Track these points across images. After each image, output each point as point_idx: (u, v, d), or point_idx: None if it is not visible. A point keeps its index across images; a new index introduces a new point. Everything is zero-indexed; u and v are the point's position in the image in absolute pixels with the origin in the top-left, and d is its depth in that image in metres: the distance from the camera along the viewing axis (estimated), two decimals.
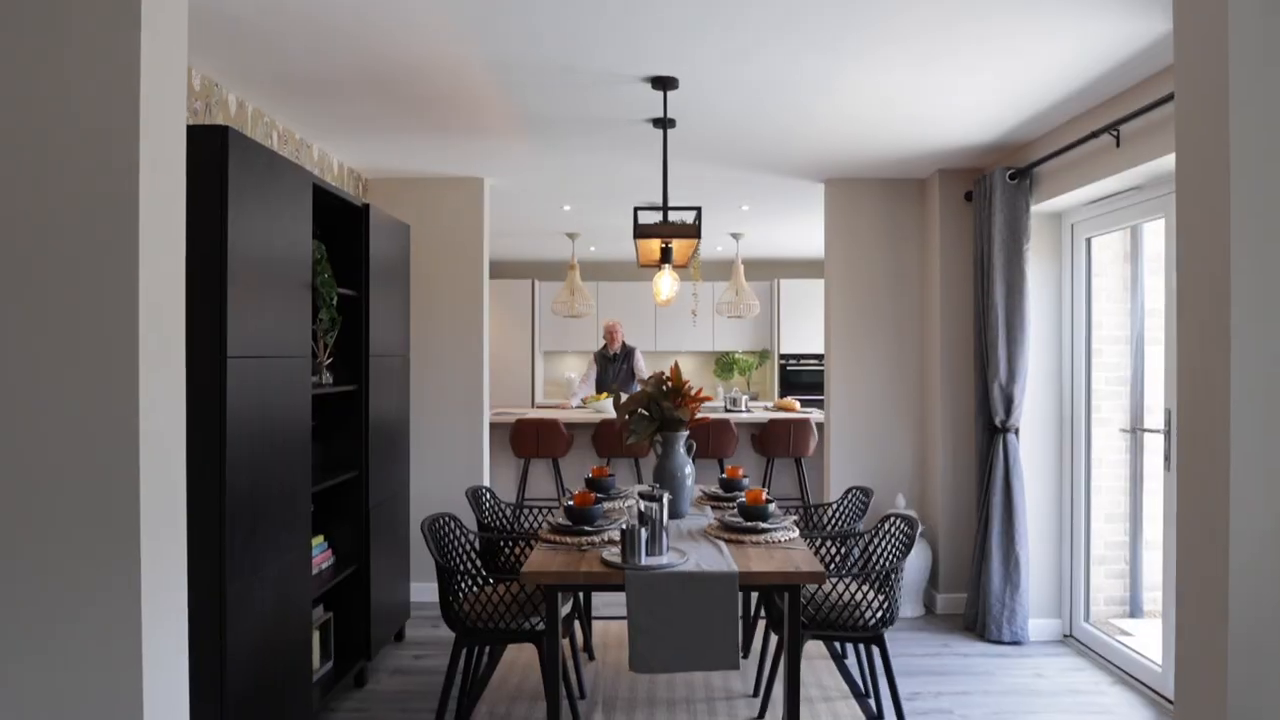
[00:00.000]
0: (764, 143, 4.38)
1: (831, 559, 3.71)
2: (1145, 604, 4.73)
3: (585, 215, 6.61)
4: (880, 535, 3.44)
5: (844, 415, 5.22)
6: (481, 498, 4.00)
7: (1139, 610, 4.71)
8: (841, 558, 3.68)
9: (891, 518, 3.41)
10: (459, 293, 5.19)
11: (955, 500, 4.91)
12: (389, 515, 4.16)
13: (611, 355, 7.92)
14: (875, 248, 5.22)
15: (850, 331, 5.22)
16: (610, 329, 7.97)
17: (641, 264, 3.95)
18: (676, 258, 3.46)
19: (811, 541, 3.64)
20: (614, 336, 7.93)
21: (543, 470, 7.22)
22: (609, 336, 7.96)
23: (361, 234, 3.85)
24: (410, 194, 5.19)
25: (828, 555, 3.72)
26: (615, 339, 7.94)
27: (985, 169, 4.83)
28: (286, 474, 3.00)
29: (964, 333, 4.92)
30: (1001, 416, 4.44)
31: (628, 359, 7.99)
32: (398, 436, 4.31)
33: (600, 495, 3.80)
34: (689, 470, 3.48)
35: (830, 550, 3.73)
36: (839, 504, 4.14)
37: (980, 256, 4.58)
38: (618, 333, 7.97)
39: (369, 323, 3.86)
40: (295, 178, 3.07)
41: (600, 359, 7.98)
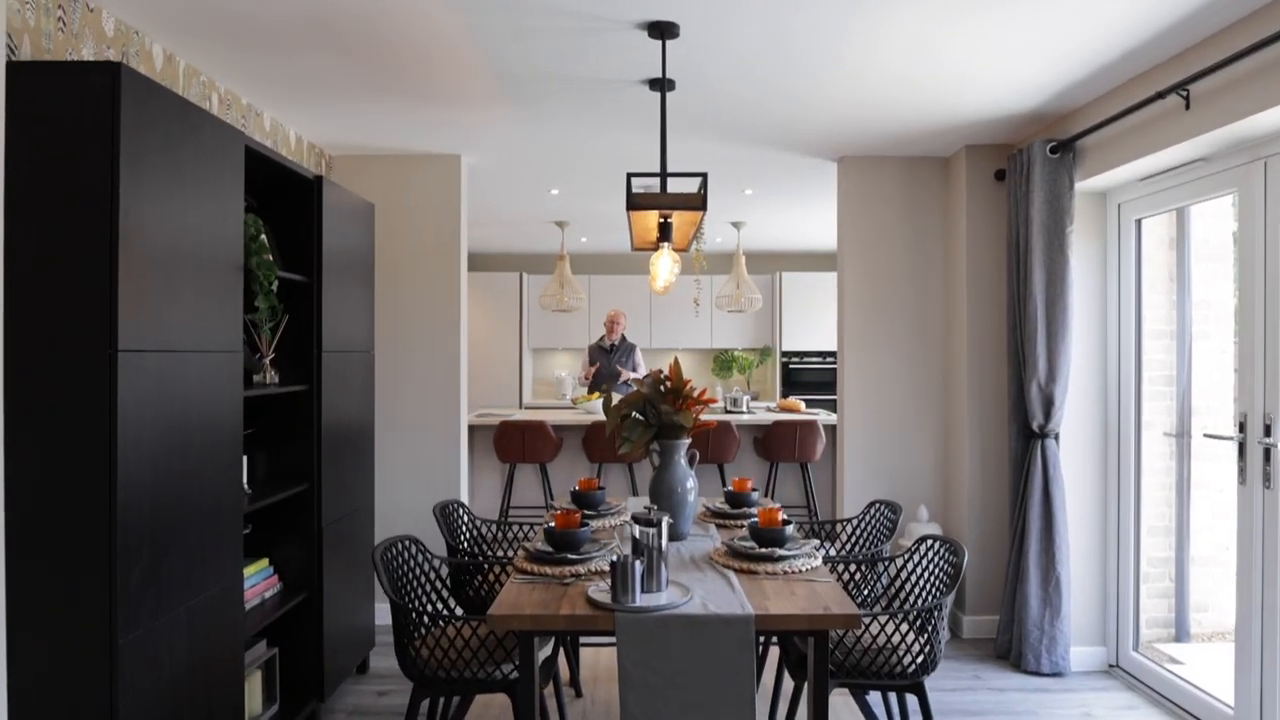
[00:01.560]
0: (772, 114, 3.88)
1: (857, 587, 3.21)
2: (1191, 626, 4.26)
3: (575, 201, 6.10)
4: (916, 562, 2.94)
5: (859, 418, 4.72)
6: (453, 515, 3.49)
7: (1185, 634, 4.23)
8: (868, 587, 3.18)
9: (929, 541, 2.91)
10: (434, 282, 4.68)
11: (984, 513, 4.42)
12: (348, 532, 3.65)
13: (609, 347, 7.40)
14: (894, 233, 4.72)
15: (866, 326, 4.73)
16: (612, 318, 7.43)
17: (636, 246, 3.44)
18: (677, 237, 2.95)
19: (833, 567, 3.15)
20: (614, 326, 7.41)
21: (530, 476, 6.71)
22: (609, 326, 7.42)
23: (313, 211, 3.34)
24: (379, 173, 4.68)
25: (849, 582, 3.22)
26: (615, 329, 7.41)
27: (1019, 144, 4.33)
28: (209, 491, 2.49)
29: (995, 326, 4.42)
30: (1040, 420, 3.95)
31: (628, 355, 7.47)
32: (359, 443, 3.80)
33: (588, 512, 3.30)
34: (691, 484, 2.98)
35: (852, 575, 3.23)
36: (861, 521, 3.64)
37: (1016, 241, 4.09)
38: (619, 323, 7.44)
39: (322, 313, 3.35)
40: (220, 136, 2.56)
41: (597, 351, 7.44)
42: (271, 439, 3.35)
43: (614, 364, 7.42)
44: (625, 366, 7.44)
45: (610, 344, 7.43)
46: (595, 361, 7.42)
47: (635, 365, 7.53)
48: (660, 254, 2.94)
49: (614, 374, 7.39)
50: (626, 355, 7.49)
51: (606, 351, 7.46)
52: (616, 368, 7.42)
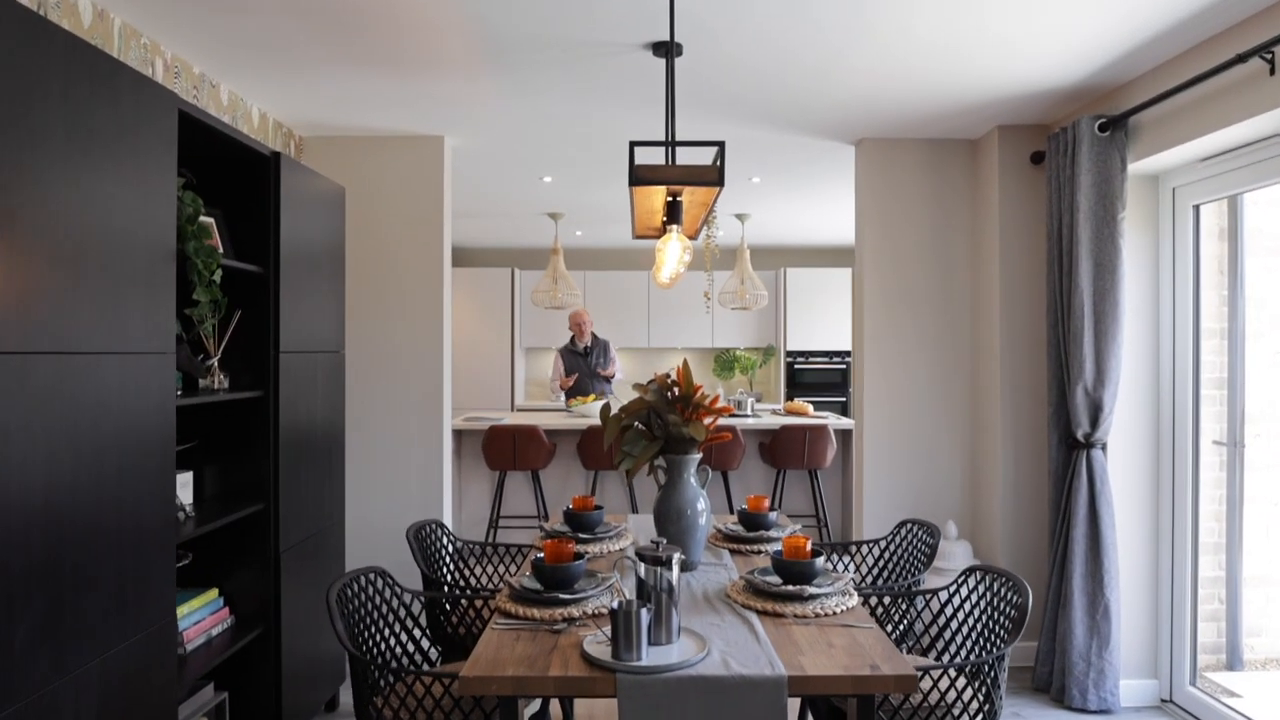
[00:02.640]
0: (788, 87, 3.47)
1: (890, 620, 2.81)
2: (1244, 653, 3.88)
3: (568, 190, 5.68)
4: (964, 597, 2.54)
5: (880, 424, 4.32)
6: (430, 539, 3.08)
7: (1237, 661, 3.85)
8: (902, 622, 2.77)
9: (982, 575, 2.50)
10: (415, 276, 4.26)
11: (1019, 530, 4.02)
12: (313, 555, 3.24)
13: (583, 350, 6.98)
14: (918, 223, 4.32)
15: (887, 324, 4.32)
16: (580, 319, 7.02)
17: (637, 233, 3.04)
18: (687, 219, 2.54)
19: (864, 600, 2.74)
20: (582, 328, 7.00)
21: (521, 484, 6.30)
22: (578, 328, 7.02)
23: (269, 192, 2.92)
24: (356, 157, 4.26)
25: (879, 614, 2.82)
26: (584, 330, 7.00)
27: (1058, 123, 3.93)
28: (131, 516, 2.08)
29: (1032, 324, 4.03)
30: (1085, 428, 3.55)
31: (604, 353, 7.06)
32: (327, 454, 3.38)
33: (583, 535, 2.89)
34: (702, 506, 2.57)
35: (886, 608, 2.82)
36: (890, 543, 3.23)
37: (1058, 230, 3.69)
38: (586, 323, 7.04)
39: (279, 309, 2.93)
40: (145, 96, 2.15)
41: (569, 356, 7.03)
42: (222, 452, 2.94)
43: (593, 365, 7.00)
44: (603, 367, 7.03)
45: (584, 346, 7.01)
46: (571, 368, 7.00)
47: (611, 361, 7.13)
48: (668, 238, 2.52)
49: (594, 375, 6.97)
50: (603, 353, 7.08)
51: (581, 355, 7.04)
52: (597, 369, 7.00)
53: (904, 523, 3.21)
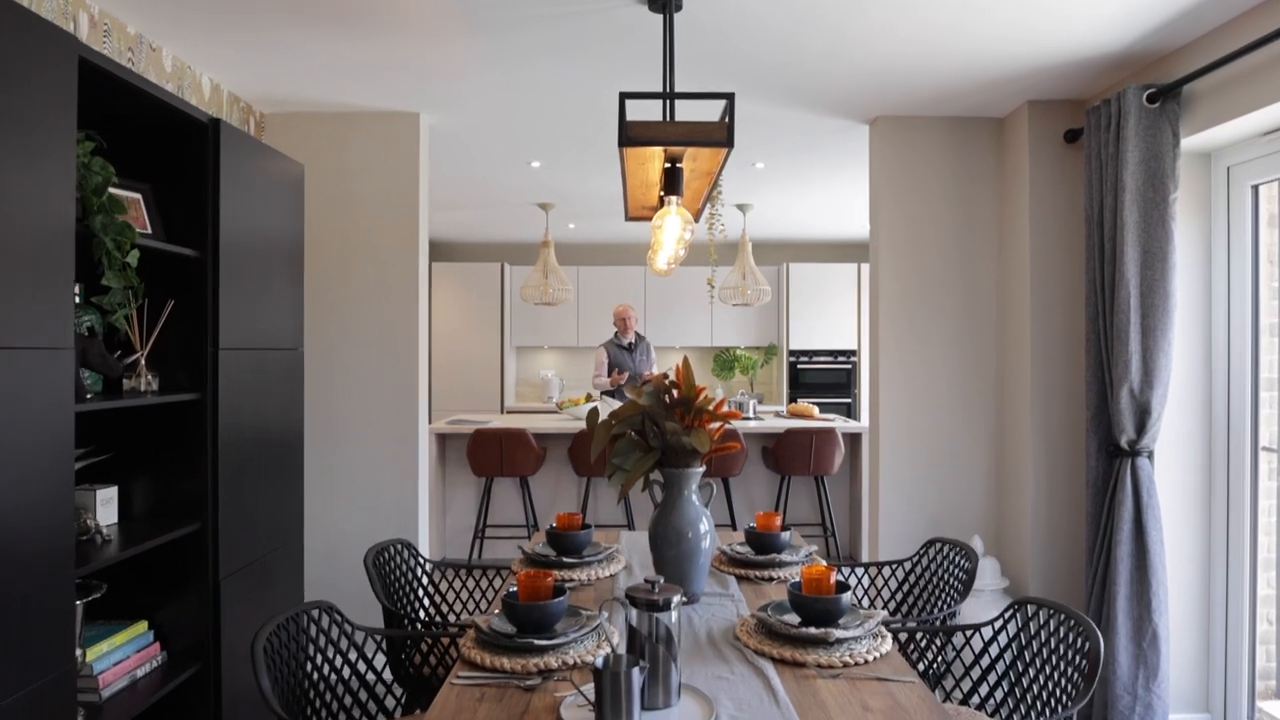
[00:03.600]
0: (800, 54, 3.10)
1: (920, 653, 2.43)
2: None
3: (559, 176, 5.31)
4: (1012, 638, 2.16)
5: (897, 429, 3.95)
6: (391, 563, 2.70)
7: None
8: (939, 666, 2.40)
9: (1034, 612, 2.12)
10: (388, 266, 3.89)
11: (1052, 546, 3.65)
12: (263, 580, 2.86)
13: (627, 345, 6.56)
14: (938, 210, 3.95)
15: (905, 320, 3.95)
16: (623, 313, 6.58)
17: (631, 213, 2.66)
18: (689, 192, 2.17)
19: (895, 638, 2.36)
20: (628, 323, 6.55)
21: (510, 490, 5.93)
22: (622, 323, 6.56)
23: (207, 165, 2.54)
24: (322, 136, 3.88)
25: (911, 653, 2.45)
26: (630, 325, 6.56)
27: (1096, 96, 3.57)
28: (16, 543, 1.71)
29: (1068, 320, 3.66)
30: (1130, 434, 3.18)
31: (646, 353, 6.64)
32: (280, 464, 3.00)
33: (569, 560, 2.51)
34: (705, 528, 2.20)
35: (917, 644, 2.45)
36: (917, 565, 2.86)
37: (1098, 214, 3.32)
38: (632, 317, 6.59)
39: (219, 299, 2.55)
40: (27, 35, 1.77)
41: (615, 350, 6.57)
42: (154, 464, 2.55)
43: (637, 364, 6.58)
44: (646, 366, 6.60)
45: (628, 342, 6.57)
46: (617, 363, 6.54)
47: (652, 364, 6.70)
48: (665, 213, 2.14)
49: (638, 375, 6.53)
50: (645, 354, 6.65)
51: (627, 350, 6.59)
52: (640, 369, 6.57)
53: (932, 542, 2.84)
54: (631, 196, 2.39)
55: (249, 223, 2.74)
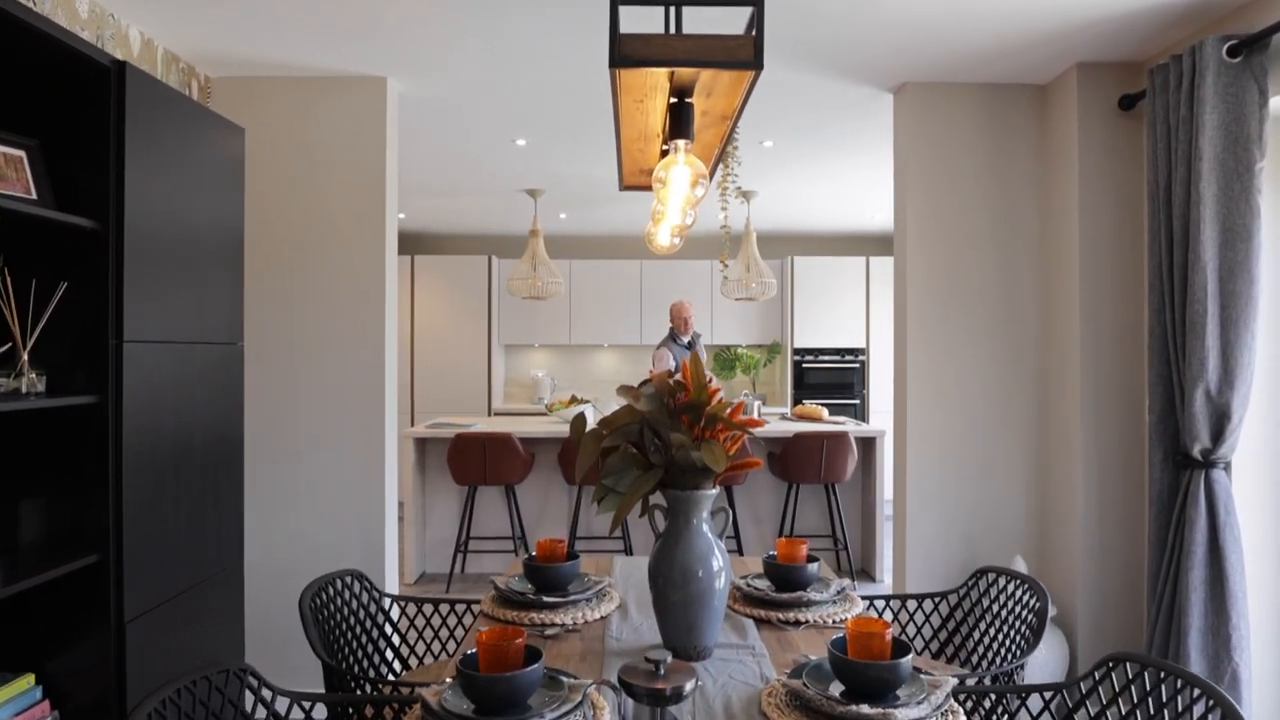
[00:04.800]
0: (818, 14, 2.66)
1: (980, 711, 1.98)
2: None
3: (547, 157, 4.85)
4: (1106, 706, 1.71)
5: (926, 436, 3.50)
6: (333, 603, 2.24)
7: None
8: None
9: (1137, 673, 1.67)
10: (350, 252, 3.43)
11: (1105, 569, 3.21)
12: (186, 620, 2.40)
13: (686, 344, 6.10)
14: (972, 190, 3.51)
15: (935, 315, 3.51)
16: (682, 311, 6.05)
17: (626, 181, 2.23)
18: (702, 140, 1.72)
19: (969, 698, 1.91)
20: (688, 321, 6.03)
21: (495, 499, 5.47)
22: (681, 321, 6.07)
23: (109, 118, 2.09)
24: (275, 103, 3.43)
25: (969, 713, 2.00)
26: (689, 323, 6.05)
27: (1165, 52, 3.12)
28: None
29: (1125, 311, 3.22)
30: (1204, 442, 2.75)
31: (702, 353, 6.16)
32: (211, 479, 2.54)
33: (550, 599, 2.06)
34: (719, 565, 1.76)
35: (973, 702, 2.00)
36: (964, 600, 2.41)
37: (1165, 189, 2.88)
38: (691, 315, 6.08)
39: (123, 281, 2.10)
40: None
41: (676, 348, 6.05)
42: (43, 483, 2.10)
43: None
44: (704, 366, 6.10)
45: (687, 340, 6.11)
46: (677, 360, 6.02)
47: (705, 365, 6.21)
48: (671, 162, 1.67)
49: None
50: (702, 353, 6.18)
51: (687, 349, 6.11)
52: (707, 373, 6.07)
53: (983, 571, 2.39)
54: (626, 155, 1.94)
55: (168, 192, 2.29)
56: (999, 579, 2.32)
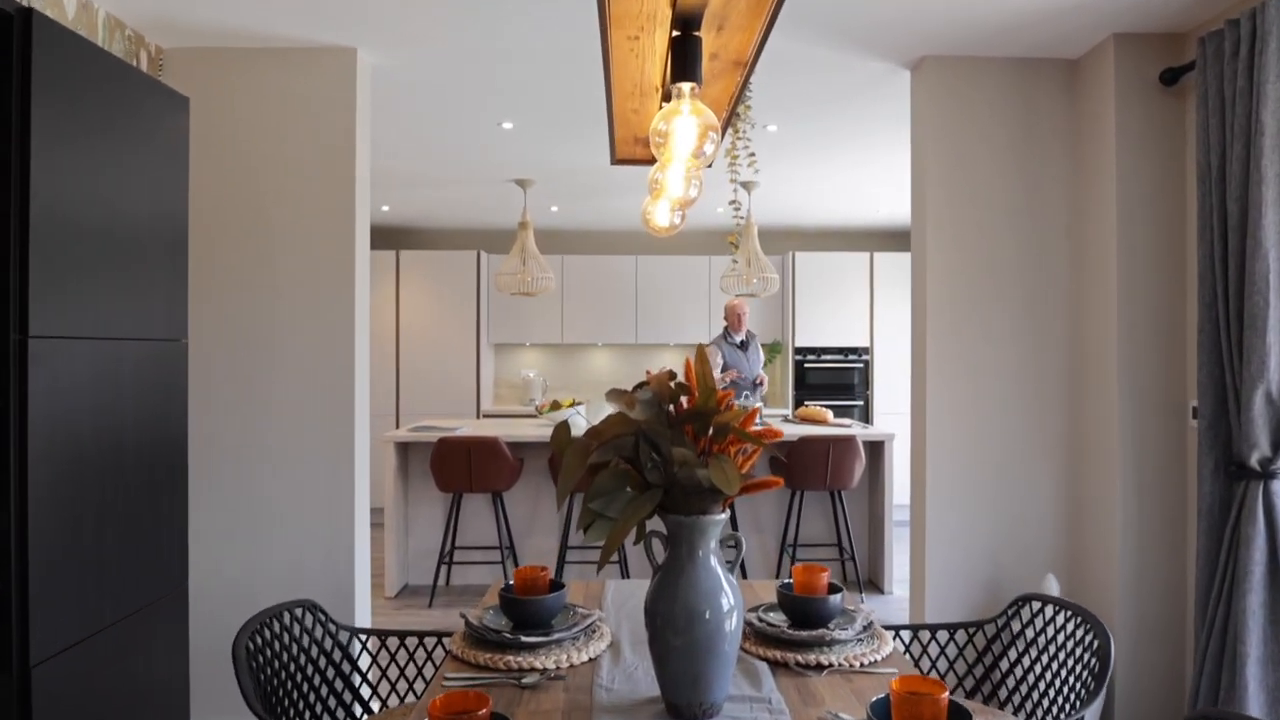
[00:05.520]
0: None
1: None
2: None
3: (536, 142, 4.55)
4: None
5: (946, 443, 3.21)
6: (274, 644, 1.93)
7: None
8: None
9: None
10: (315, 241, 3.12)
11: (1146, 589, 2.92)
12: (113, 658, 2.10)
13: (739, 343, 5.82)
14: (996, 172, 3.22)
15: (956, 313, 3.22)
16: (736, 309, 5.80)
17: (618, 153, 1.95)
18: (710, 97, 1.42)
19: None
20: (741, 319, 5.79)
21: (482, 507, 5.17)
22: (735, 319, 5.79)
23: (10, 73, 1.78)
24: (232, 77, 3.12)
25: None
26: (743, 322, 5.80)
27: (1204, 25, 2.84)
28: None
29: (1168, 304, 2.94)
30: (1263, 450, 2.47)
31: (757, 354, 5.90)
32: (148, 491, 2.24)
33: (529, 638, 1.76)
34: (729, 604, 1.47)
35: None
36: (1002, 633, 2.12)
37: (1218, 171, 2.59)
38: (745, 312, 5.83)
39: (28, 267, 1.79)
40: None
41: (729, 347, 5.81)
42: None
43: (751, 364, 5.82)
44: (758, 367, 5.85)
45: (740, 339, 5.82)
46: (733, 365, 5.74)
47: (760, 366, 5.95)
48: (674, 111, 1.36)
49: (753, 378, 5.78)
50: (756, 354, 5.91)
51: (740, 348, 5.82)
52: (755, 370, 5.81)
53: (1026, 599, 2.10)
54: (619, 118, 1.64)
55: (90, 167, 1.98)
56: (1044, 608, 2.03)
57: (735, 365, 5.73)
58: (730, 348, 5.78)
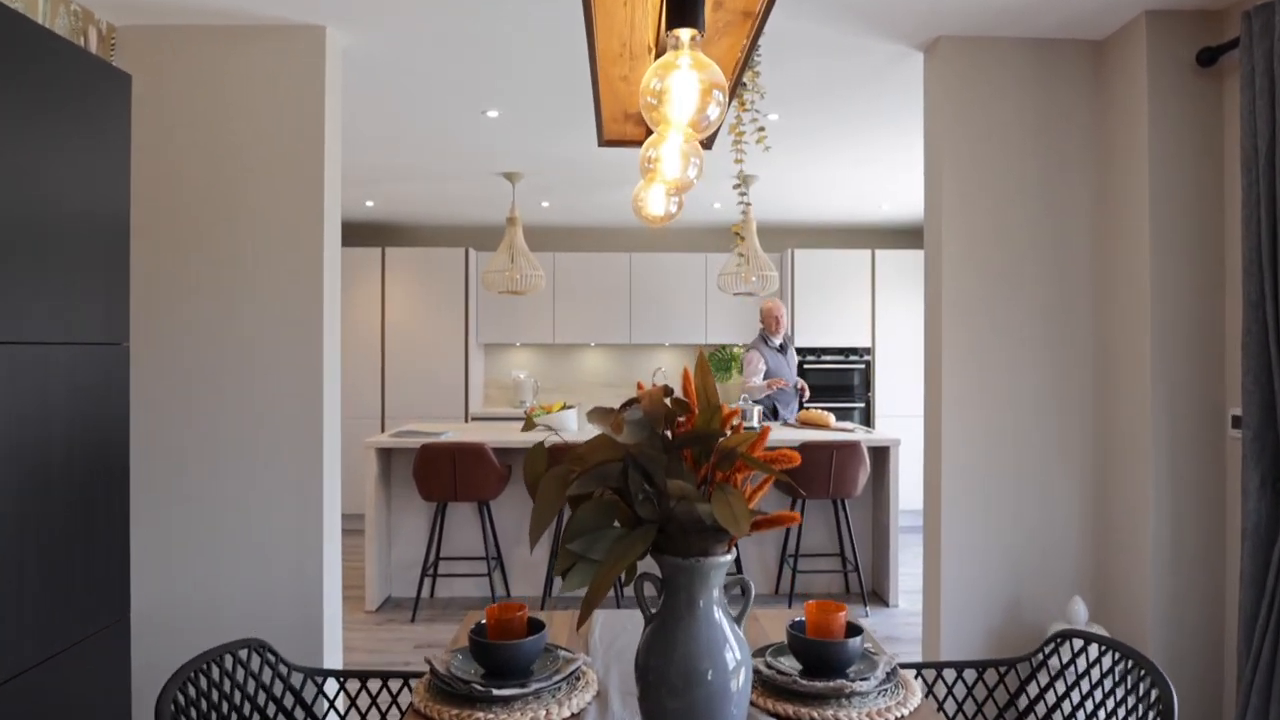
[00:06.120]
0: None
1: None
2: None
3: (524, 133, 4.31)
4: None
5: (962, 453, 2.98)
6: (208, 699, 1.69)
7: None
8: None
9: None
10: (278, 235, 2.88)
11: (1182, 615, 2.70)
12: (35, 701, 1.86)
13: (779, 346, 5.62)
14: (1015, 162, 2.99)
15: (972, 310, 2.99)
16: (773, 311, 5.63)
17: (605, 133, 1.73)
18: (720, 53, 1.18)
19: None
20: (779, 321, 5.61)
21: (469, 516, 4.94)
22: (773, 321, 5.61)
23: None
24: (189, 56, 2.88)
25: None
26: (782, 324, 5.62)
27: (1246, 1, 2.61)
28: None
29: (1206, 303, 2.72)
30: None
31: (792, 355, 5.71)
32: (84, 512, 2.00)
33: (502, 690, 1.52)
34: (735, 659, 1.24)
35: None
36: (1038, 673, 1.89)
37: (1266, 157, 2.36)
38: (784, 314, 5.65)
39: None
40: None
41: (769, 351, 5.62)
42: None
43: (792, 368, 5.61)
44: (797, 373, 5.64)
45: (779, 342, 5.62)
46: (775, 370, 5.53)
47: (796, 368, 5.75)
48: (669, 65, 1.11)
49: (795, 384, 5.58)
50: (794, 358, 5.72)
51: (780, 351, 5.61)
52: (796, 376, 5.61)
53: (1065, 636, 1.86)
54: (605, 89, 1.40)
55: (7, 149, 1.74)
56: (1087, 648, 1.80)
57: (778, 372, 5.54)
58: (771, 352, 5.59)
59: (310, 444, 2.87)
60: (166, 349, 2.82)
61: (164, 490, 2.80)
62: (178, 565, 2.80)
